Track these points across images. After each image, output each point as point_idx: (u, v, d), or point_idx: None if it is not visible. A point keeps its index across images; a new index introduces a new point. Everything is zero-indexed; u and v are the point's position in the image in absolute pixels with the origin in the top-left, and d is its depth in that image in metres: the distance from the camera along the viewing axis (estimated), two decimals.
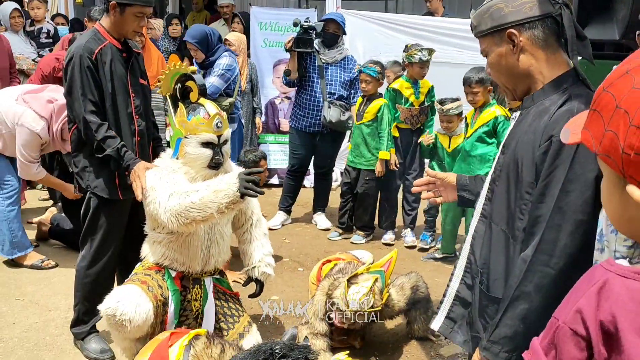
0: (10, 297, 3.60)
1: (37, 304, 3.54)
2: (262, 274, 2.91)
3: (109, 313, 2.44)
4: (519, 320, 1.46)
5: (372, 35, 6.02)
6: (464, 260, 1.75)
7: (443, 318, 1.81)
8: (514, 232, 1.55)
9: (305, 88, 4.87)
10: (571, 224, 1.40)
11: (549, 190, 1.43)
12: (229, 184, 2.39)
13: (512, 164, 1.55)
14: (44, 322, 3.33)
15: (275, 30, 6.24)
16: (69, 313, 3.42)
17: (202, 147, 2.58)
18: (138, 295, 2.50)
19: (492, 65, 1.62)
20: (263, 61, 6.26)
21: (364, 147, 4.65)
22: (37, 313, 3.42)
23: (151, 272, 2.68)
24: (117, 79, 2.82)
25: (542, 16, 1.51)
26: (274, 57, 6.26)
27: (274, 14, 6.36)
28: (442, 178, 1.95)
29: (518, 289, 1.46)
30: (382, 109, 4.54)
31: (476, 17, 1.61)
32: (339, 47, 4.86)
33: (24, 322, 3.33)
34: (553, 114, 1.46)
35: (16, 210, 3.95)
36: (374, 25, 6.07)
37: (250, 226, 2.95)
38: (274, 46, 6.25)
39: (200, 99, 2.64)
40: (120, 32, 2.84)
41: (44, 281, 3.84)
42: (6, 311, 3.44)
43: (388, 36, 6.12)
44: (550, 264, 1.42)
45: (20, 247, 3.98)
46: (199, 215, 2.40)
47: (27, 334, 3.20)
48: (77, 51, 2.75)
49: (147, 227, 2.79)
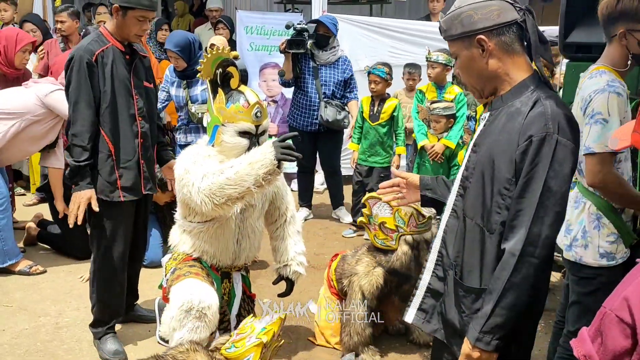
0: None
1: (25, 310, 3.50)
2: (293, 273, 2.87)
3: (187, 307, 2.40)
4: (509, 310, 1.57)
5: (356, 39, 6.06)
6: (435, 254, 1.83)
7: (415, 310, 1.88)
8: (490, 226, 1.64)
9: (301, 88, 5.03)
10: (551, 216, 1.55)
11: (530, 186, 1.54)
12: (264, 153, 2.32)
13: (487, 162, 1.64)
14: (34, 328, 3.29)
15: (261, 34, 6.26)
16: (58, 319, 3.40)
17: (239, 136, 2.52)
18: (201, 284, 2.49)
19: (462, 67, 1.72)
20: (249, 65, 6.21)
21: (379, 147, 4.85)
22: (26, 319, 3.39)
23: (195, 263, 2.65)
24: (119, 81, 2.84)
25: (509, 23, 1.62)
26: (260, 60, 6.27)
27: (260, 18, 6.38)
28: (406, 177, 2.05)
29: (509, 280, 1.56)
30: (397, 109, 4.77)
31: (446, 22, 1.70)
32: (332, 48, 5.00)
33: (13, 328, 3.29)
34: (527, 115, 1.57)
35: (6, 218, 3.91)
36: (358, 28, 6.11)
37: (285, 222, 2.90)
38: (260, 50, 6.27)
39: (240, 85, 2.59)
40: (123, 35, 2.87)
41: (32, 287, 3.80)
42: None
43: (372, 39, 6.18)
44: (535, 254, 1.55)
45: (11, 255, 3.94)
46: (235, 192, 2.31)
47: (17, 341, 3.16)
48: (77, 52, 2.80)
49: (177, 214, 2.76)
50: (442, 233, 1.81)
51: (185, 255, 2.70)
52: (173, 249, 2.79)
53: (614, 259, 2.25)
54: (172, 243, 2.78)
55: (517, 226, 1.56)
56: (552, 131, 1.53)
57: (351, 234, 5.04)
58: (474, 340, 1.62)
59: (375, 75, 4.71)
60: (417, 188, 2.03)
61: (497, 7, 1.61)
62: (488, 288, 1.62)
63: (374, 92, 4.77)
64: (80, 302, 3.60)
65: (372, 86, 4.75)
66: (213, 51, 2.58)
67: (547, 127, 1.53)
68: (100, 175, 2.87)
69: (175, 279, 2.61)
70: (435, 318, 1.84)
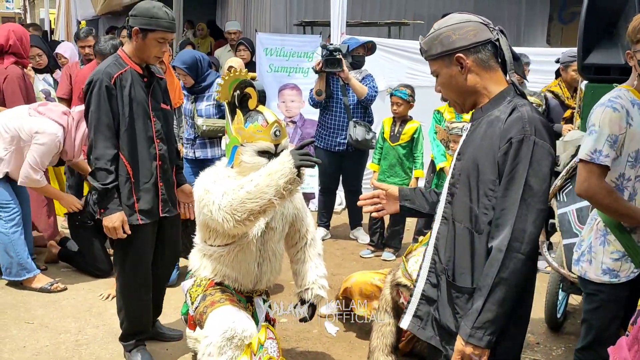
0: (20, 321, 3.61)
1: (46, 327, 3.54)
2: (315, 297, 2.82)
3: (229, 335, 2.38)
4: (498, 305, 1.66)
5: (375, 60, 6.10)
6: (428, 262, 1.91)
7: (411, 317, 1.95)
8: (478, 227, 1.73)
9: (329, 108, 5.06)
10: (534, 213, 1.65)
11: (512, 185, 1.66)
12: (282, 163, 2.30)
13: (472, 167, 1.75)
14: (54, 345, 3.33)
15: (280, 55, 6.34)
16: (78, 336, 3.43)
17: (258, 155, 2.50)
18: (240, 312, 2.50)
19: (443, 84, 1.84)
20: (268, 86, 6.33)
21: (399, 167, 4.84)
22: (47, 336, 3.43)
23: (225, 289, 2.65)
24: (137, 104, 2.87)
25: (484, 42, 1.75)
26: (279, 82, 6.35)
27: (279, 39, 6.47)
28: (386, 189, 2.14)
29: (497, 276, 1.65)
30: (418, 131, 4.77)
31: (426, 43, 1.83)
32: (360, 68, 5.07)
33: (34, 345, 3.33)
34: (505, 120, 1.69)
35: (19, 231, 3.96)
36: (377, 51, 6.15)
37: (305, 245, 2.86)
38: (279, 71, 6.35)
39: (259, 106, 2.58)
40: (142, 57, 2.90)
41: (53, 304, 3.85)
42: (16, 334, 3.44)
43: (390, 60, 6.24)
44: (521, 250, 1.65)
45: (27, 268, 4.00)
46: (257, 205, 2.28)
47: (38, 357, 3.20)
48: (96, 76, 2.83)
49: (197, 238, 2.74)
50: (434, 240, 1.89)
51: (208, 280, 2.69)
52: (193, 274, 2.78)
53: (617, 276, 2.27)
54: (193, 268, 2.76)
55: (502, 224, 1.66)
56: (530, 133, 1.65)
57: (369, 254, 5.03)
58: (467, 336, 1.68)
59: (398, 97, 4.73)
60: (397, 199, 2.11)
61: (472, 27, 1.75)
62: (478, 285, 1.71)
63: (396, 113, 4.78)
64: (99, 320, 3.64)
65: (394, 108, 4.76)
66: (231, 73, 2.60)
67: (524, 129, 1.65)
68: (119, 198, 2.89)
69: (210, 305, 2.57)
70: (430, 325, 1.90)
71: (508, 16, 8.89)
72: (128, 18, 2.87)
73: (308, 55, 6.27)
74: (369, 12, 8.16)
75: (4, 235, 3.92)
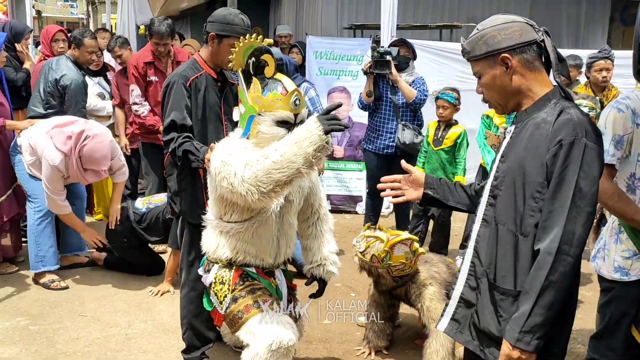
0: (73, 314, 3.77)
1: (98, 321, 3.68)
2: (327, 273, 2.75)
3: (275, 347, 2.34)
4: (547, 309, 1.63)
5: (425, 63, 6.05)
6: (467, 265, 1.89)
7: (448, 320, 1.93)
8: (524, 229, 1.71)
9: (378, 111, 5.02)
10: (583, 216, 1.63)
11: (562, 187, 1.63)
12: (310, 130, 2.15)
13: (517, 169, 1.73)
14: (105, 338, 3.46)
15: (330, 59, 6.37)
16: (128, 330, 3.55)
17: (277, 125, 2.36)
18: (281, 317, 2.45)
19: (486, 85, 1.82)
20: (318, 89, 6.35)
21: (441, 172, 4.75)
22: (98, 329, 3.57)
23: (252, 282, 2.53)
24: (210, 107, 2.92)
25: (530, 42, 1.74)
26: (329, 85, 6.37)
27: (329, 43, 6.50)
28: (412, 171, 2.12)
29: (546, 279, 1.63)
30: (462, 136, 4.67)
31: (470, 44, 1.82)
32: (409, 70, 4.99)
33: (87, 337, 3.47)
34: (554, 123, 1.67)
35: (45, 224, 4.09)
36: (427, 53, 6.11)
37: (317, 220, 2.76)
38: (329, 74, 6.38)
39: (276, 74, 2.46)
40: (217, 62, 2.93)
41: (105, 299, 4.00)
42: (70, 326, 3.59)
43: (441, 64, 6.17)
44: (570, 252, 1.63)
45: (46, 262, 4.11)
46: (284, 175, 2.15)
47: (89, 349, 3.33)
48: (173, 79, 2.90)
49: (209, 215, 2.60)
50: (474, 243, 1.87)
51: (232, 272, 2.55)
52: (209, 256, 2.60)
53: (627, 274, 2.31)
54: (208, 250, 2.58)
55: (551, 226, 1.64)
56: (580, 135, 1.63)
57: None
58: (514, 340, 1.66)
59: (444, 101, 4.66)
60: (421, 185, 2.09)
61: (518, 28, 1.74)
62: (524, 288, 1.68)
63: (442, 117, 4.70)
64: (148, 315, 3.76)
65: (439, 111, 4.70)
66: (245, 40, 2.49)
67: (575, 132, 1.63)
68: (191, 199, 2.93)
69: (245, 311, 2.47)
70: (468, 329, 1.87)
71: (567, 17, 8.63)
72: (206, 24, 2.91)
73: (357, 59, 6.27)
74: (421, 15, 8.09)
75: (34, 226, 4.08)
